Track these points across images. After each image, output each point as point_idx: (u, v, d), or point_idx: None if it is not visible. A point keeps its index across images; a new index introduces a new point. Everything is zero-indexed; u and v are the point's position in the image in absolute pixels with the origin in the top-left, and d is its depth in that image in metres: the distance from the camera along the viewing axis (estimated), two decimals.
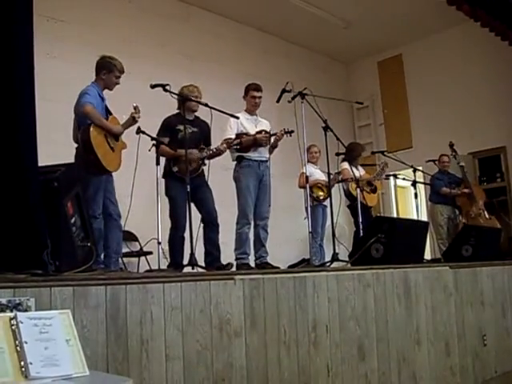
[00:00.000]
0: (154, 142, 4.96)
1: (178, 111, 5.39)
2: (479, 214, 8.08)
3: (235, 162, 5.61)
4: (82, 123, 4.54)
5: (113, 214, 4.73)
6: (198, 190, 5.16)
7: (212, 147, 5.35)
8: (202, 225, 5.22)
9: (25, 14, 2.58)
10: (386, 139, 10.87)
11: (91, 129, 4.46)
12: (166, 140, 5.15)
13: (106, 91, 4.87)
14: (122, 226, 4.85)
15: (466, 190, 8.14)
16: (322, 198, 6.95)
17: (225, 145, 5.36)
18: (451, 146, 8.28)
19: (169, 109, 5.45)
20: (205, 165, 5.34)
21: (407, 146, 10.31)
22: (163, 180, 5.19)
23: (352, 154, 7.07)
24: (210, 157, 5.38)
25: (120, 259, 6.38)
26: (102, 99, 4.78)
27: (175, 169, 5.15)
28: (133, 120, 4.81)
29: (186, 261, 4.78)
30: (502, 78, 9.33)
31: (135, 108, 4.83)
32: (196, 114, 5.43)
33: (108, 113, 4.84)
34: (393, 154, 7.55)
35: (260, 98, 5.71)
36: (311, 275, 3.67)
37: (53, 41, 6.59)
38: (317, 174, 7.07)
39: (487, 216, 8.14)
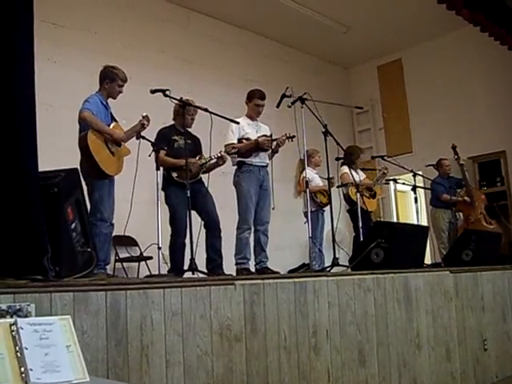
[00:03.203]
0: (154, 147, 4.98)
1: (171, 124, 5.45)
2: (479, 219, 8.07)
3: (235, 167, 5.61)
4: (84, 130, 4.58)
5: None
6: (199, 195, 5.16)
7: (212, 154, 5.35)
8: (203, 230, 5.21)
9: (26, 19, 2.59)
10: (385, 144, 10.87)
11: (89, 134, 4.50)
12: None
13: (110, 99, 4.90)
14: (112, 232, 4.83)
15: (466, 198, 8.12)
16: (325, 203, 6.91)
17: (224, 153, 5.36)
18: (454, 148, 8.26)
19: (169, 114, 5.47)
20: (205, 172, 5.34)
21: (407, 151, 10.31)
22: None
23: (351, 157, 7.06)
24: (213, 166, 5.38)
25: (120, 264, 6.41)
26: (106, 107, 4.82)
27: (175, 174, 5.15)
28: (141, 127, 4.83)
29: (186, 266, 4.77)
30: (501, 82, 9.35)
31: (144, 117, 4.85)
32: (196, 119, 5.44)
33: (114, 120, 4.88)
34: (392, 158, 7.54)
35: (263, 106, 5.72)
36: (311, 280, 3.67)
37: (53, 46, 6.61)
38: (317, 178, 7.07)
39: (488, 220, 8.13)
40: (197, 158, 5.30)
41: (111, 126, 4.77)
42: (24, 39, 2.57)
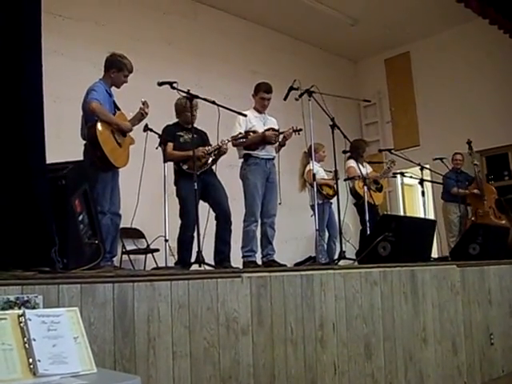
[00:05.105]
0: (161, 141, 4.97)
1: (175, 121, 5.45)
2: (488, 213, 8.05)
3: (242, 160, 5.61)
4: (90, 120, 4.54)
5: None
6: (210, 187, 5.17)
7: (218, 142, 5.33)
8: (211, 223, 5.20)
9: (33, 11, 2.58)
10: (393, 137, 10.84)
11: (98, 125, 4.46)
12: (171, 144, 5.16)
13: (113, 88, 4.88)
14: (119, 224, 4.80)
15: (475, 191, 8.12)
16: (331, 194, 6.92)
17: (230, 139, 5.36)
18: (469, 143, 8.26)
19: None
20: (214, 161, 5.33)
21: (414, 144, 10.28)
22: (171, 179, 5.20)
23: (357, 151, 7.07)
24: (218, 154, 5.36)
25: (127, 257, 6.42)
26: (110, 95, 4.78)
27: (185, 166, 5.14)
28: (141, 115, 4.81)
29: (193, 259, 4.78)
30: (510, 75, 9.29)
31: (144, 103, 4.82)
32: (203, 112, 5.42)
33: (116, 108, 4.84)
34: (400, 151, 7.52)
35: (269, 99, 5.69)
36: (318, 273, 3.66)
37: (61, 38, 6.60)
38: (322, 171, 7.07)
39: (497, 215, 8.11)
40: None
41: (116, 116, 4.73)
42: (32, 31, 2.56)
